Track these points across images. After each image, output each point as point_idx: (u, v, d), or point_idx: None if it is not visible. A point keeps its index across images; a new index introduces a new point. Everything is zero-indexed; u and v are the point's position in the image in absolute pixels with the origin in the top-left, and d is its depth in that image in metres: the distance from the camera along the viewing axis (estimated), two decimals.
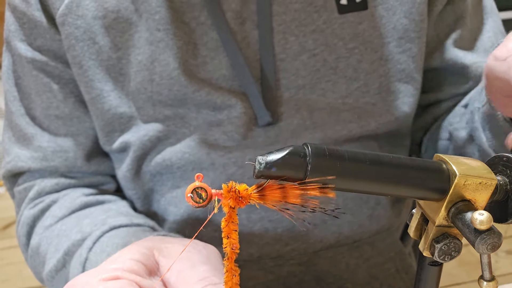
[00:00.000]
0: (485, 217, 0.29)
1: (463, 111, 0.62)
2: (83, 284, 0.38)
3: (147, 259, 0.41)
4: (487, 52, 0.66)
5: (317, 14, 0.59)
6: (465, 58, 0.65)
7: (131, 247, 0.43)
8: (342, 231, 0.65)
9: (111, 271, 0.38)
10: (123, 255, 0.41)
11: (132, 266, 0.39)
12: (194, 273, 0.38)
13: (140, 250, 0.42)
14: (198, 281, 0.38)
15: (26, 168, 0.64)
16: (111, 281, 0.37)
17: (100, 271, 0.38)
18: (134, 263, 0.39)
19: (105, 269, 0.39)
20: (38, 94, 0.63)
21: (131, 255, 0.41)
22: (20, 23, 0.62)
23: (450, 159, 0.32)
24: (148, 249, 0.42)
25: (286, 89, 0.60)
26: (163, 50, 0.58)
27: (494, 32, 0.67)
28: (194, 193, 0.28)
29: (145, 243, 0.44)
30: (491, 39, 0.66)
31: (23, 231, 0.64)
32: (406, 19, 0.61)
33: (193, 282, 0.37)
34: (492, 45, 0.66)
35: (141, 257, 0.40)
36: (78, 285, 0.38)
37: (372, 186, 0.30)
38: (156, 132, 0.61)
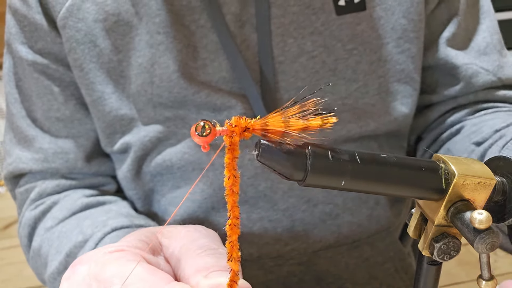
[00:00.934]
0: (484, 217, 0.29)
1: (473, 148, 0.60)
2: (88, 258, 0.38)
3: (151, 240, 0.41)
4: (480, 53, 0.66)
5: (315, 16, 0.60)
6: (456, 58, 0.65)
7: (134, 232, 0.43)
8: (342, 231, 0.65)
9: (117, 246, 0.39)
10: (127, 237, 0.42)
11: (136, 244, 0.40)
12: (194, 244, 0.39)
13: (143, 233, 0.42)
14: (198, 249, 0.38)
15: (27, 169, 0.64)
16: (116, 252, 0.38)
17: (105, 247, 0.39)
18: (138, 242, 0.40)
19: (110, 245, 0.39)
20: (39, 97, 0.63)
21: (135, 236, 0.41)
22: (21, 26, 0.62)
23: (449, 159, 0.32)
24: (151, 232, 0.42)
25: (286, 91, 0.60)
26: (163, 53, 0.58)
27: (490, 32, 0.67)
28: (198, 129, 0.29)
29: (147, 229, 0.44)
30: (486, 39, 0.66)
31: (25, 232, 0.64)
32: (404, 19, 0.62)
33: (193, 251, 0.38)
34: (487, 45, 0.66)
35: (144, 238, 0.41)
36: (82, 260, 0.39)
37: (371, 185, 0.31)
38: (157, 133, 0.61)
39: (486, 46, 0.66)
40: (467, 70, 0.64)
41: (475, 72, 0.64)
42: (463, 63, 0.65)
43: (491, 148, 0.56)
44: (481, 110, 0.66)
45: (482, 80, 0.65)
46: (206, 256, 0.37)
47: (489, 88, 0.66)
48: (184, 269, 0.37)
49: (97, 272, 0.36)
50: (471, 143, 0.60)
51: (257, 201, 0.62)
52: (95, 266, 0.37)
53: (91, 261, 0.38)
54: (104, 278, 0.36)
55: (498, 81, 0.65)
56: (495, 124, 0.60)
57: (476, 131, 0.61)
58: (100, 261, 0.37)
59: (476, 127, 0.62)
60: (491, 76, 0.65)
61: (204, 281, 0.35)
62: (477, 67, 0.65)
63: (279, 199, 0.62)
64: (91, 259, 0.38)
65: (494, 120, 0.61)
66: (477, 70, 0.64)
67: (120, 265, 0.36)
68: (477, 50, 0.66)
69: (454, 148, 0.63)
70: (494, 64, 0.65)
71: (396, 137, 0.68)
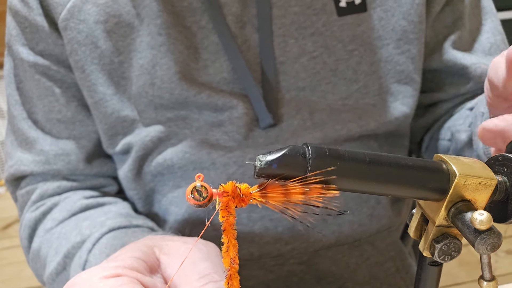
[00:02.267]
0: (485, 217, 0.29)
1: (468, 113, 0.62)
2: (84, 282, 0.38)
3: (148, 257, 0.41)
4: (485, 53, 0.66)
5: (316, 16, 0.60)
6: (464, 59, 0.65)
7: (131, 245, 0.43)
8: (343, 231, 0.65)
9: (112, 268, 0.38)
10: (123, 254, 0.41)
11: (132, 264, 0.39)
12: (195, 270, 0.38)
13: (141, 248, 0.42)
14: (199, 279, 0.38)
15: (28, 171, 0.64)
16: (112, 279, 0.37)
17: (101, 269, 0.38)
18: (135, 261, 0.39)
19: (106, 267, 0.39)
20: (40, 98, 0.63)
21: (132, 253, 0.41)
22: (21, 27, 0.62)
23: (450, 159, 0.32)
24: (148, 247, 0.42)
25: (287, 91, 0.60)
26: (165, 54, 0.58)
27: (493, 33, 0.67)
28: (194, 193, 0.28)
29: (145, 242, 0.44)
30: (490, 39, 0.66)
31: (25, 234, 0.64)
32: (404, 21, 0.62)
33: (194, 280, 0.38)
34: (491, 46, 0.66)
35: (141, 255, 0.41)
36: (79, 284, 0.38)
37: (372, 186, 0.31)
38: (158, 133, 0.61)
39: (490, 47, 0.66)
40: (476, 70, 0.65)
41: (485, 71, 0.65)
42: (472, 63, 0.65)
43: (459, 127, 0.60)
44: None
45: None
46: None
47: None
48: None
49: None
50: (466, 110, 0.63)
51: None
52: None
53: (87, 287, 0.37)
54: None
55: None
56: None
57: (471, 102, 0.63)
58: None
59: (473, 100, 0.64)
60: None
61: None
62: (486, 66, 0.65)
63: None
64: (85, 284, 0.37)
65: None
66: (485, 69, 0.65)
67: None
68: (482, 51, 0.66)
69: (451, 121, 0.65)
70: None
71: (396, 136, 0.68)
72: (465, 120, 0.61)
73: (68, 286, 0.38)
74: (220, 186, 0.29)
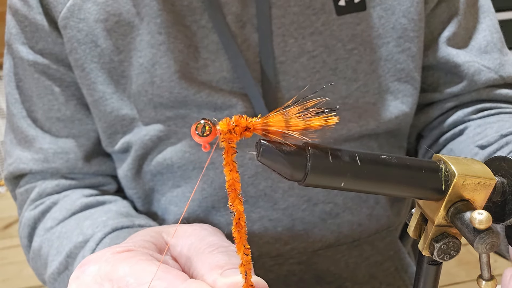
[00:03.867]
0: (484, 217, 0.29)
1: (477, 151, 0.59)
2: (96, 258, 0.38)
3: (157, 240, 0.41)
4: (481, 52, 0.66)
5: (315, 16, 0.60)
6: (457, 56, 0.65)
7: (139, 232, 0.43)
8: (342, 230, 0.65)
9: (124, 246, 0.39)
10: (133, 238, 0.41)
11: (144, 244, 0.39)
12: (203, 243, 0.39)
13: (149, 233, 0.42)
14: (209, 247, 0.38)
15: (27, 170, 0.64)
16: (125, 252, 0.37)
17: (114, 247, 0.39)
18: (145, 242, 0.40)
19: (118, 245, 0.39)
20: (40, 97, 0.63)
21: (141, 237, 0.41)
22: (21, 26, 0.62)
23: (449, 159, 0.32)
24: (156, 232, 0.42)
25: (287, 91, 0.60)
26: (164, 53, 0.58)
27: (490, 31, 0.67)
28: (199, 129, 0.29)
29: (152, 228, 0.44)
30: (487, 38, 0.66)
31: (25, 233, 0.64)
32: (405, 19, 0.62)
33: (204, 249, 0.38)
34: (487, 44, 0.66)
35: (150, 238, 0.41)
36: (93, 259, 0.38)
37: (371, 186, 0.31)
38: (157, 131, 0.61)
39: (487, 45, 0.66)
40: (469, 68, 0.64)
41: (478, 70, 0.64)
42: (465, 61, 0.65)
43: (496, 153, 0.56)
44: (484, 110, 0.66)
45: (485, 78, 0.65)
46: (219, 253, 0.37)
47: (491, 86, 0.66)
48: (197, 267, 0.37)
49: (109, 271, 0.36)
50: (475, 146, 0.60)
51: (257, 200, 0.62)
52: (106, 266, 0.36)
53: (100, 261, 0.37)
54: (117, 277, 0.35)
55: (500, 79, 0.65)
56: (500, 128, 0.60)
57: (481, 133, 0.61)
58: (111, 260, 0.37)
59: (480, 129, 0.62)
60: (493, 74, 0.65)
61: (221, 279, 0.34)
62: (479, 65, 0.65)
63: (279, 198, 0.62)
64: (100, 259, 0.38)
65: (498, 123, 0.61)
66: (479, 68, 0.64)
67: (132, 264, 0.36)
68: (478, 48, 0.66)
69: (458, 148, 0.63)
70: (495, 62, 0.65)
71: (396, 136, 0.68)
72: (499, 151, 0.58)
73: (82, 264, 0.38)
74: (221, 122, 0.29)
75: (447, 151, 0.65)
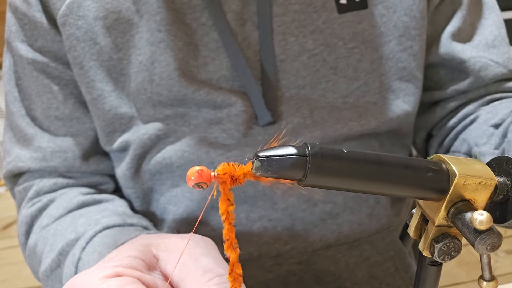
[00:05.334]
0: (485, 217, 0.29)
1: (492, 131, 0.59)
2: (84, 283, 0.37)
3: (145, 255, 0.41)
4: (489, 46, 0.65)
5: (316, 14, 0.59)
6: (462, 52, 0.64)
7: (127, 245, 0.43)
8: (342, 230, 0.65)
9: (111, 268, 0.38)
10: (120, 253, 0.41)
11: (131, 263, 0.39)
12: (198, 266, 0.38)
13: (137, 247, 0.41)
14: (204, 273, 0.37)
15: (26, 168, 0.64)
16: (113, 279, 0.37)
17: (101, 269, 0.38)
18: (133, 260, 0.39)
19: (105, 267, 0.38)
20: (39, 95, 0.63)
21: (128, 252, 0.40)
22: (21, 24, 0.62)
23: (450, 159, 0.32)
24: (145, 246, 0.42)
25: (287, 89, 0.60)
26: (164, 51, 0.58)
27: (497, 26, 0.66)
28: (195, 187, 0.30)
29: (141, 241, 0.44)
30: (494, 32, 0.66)
31: (22, 230, 0.64)
32: (406, 17, 0.61)
33: (199, 275, 0.37)
34: (495, 38, 0.66)
35: (138, 253, 0.40)
36: (80, 284, 0.37)
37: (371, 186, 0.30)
38: (156, 130, 0.61)
39: (494, 39, 0.66)
40: (475, 64, 0.64)
41: (484, 65, 0.64)
42: (470, 56, 0.64)
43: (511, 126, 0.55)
44: (494, 100, 0.65)
45: (493, 73, 0.64)
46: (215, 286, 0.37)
47: (500, 81, 0.66)
48: None
49: None
50: (489, 126, 0.59)
51: (257, 200, 0.62)
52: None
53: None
54: None
55: (509, 73, 0.65)
56: (510, 105, 0.59)
57: (492, 113, 0.61)
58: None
59: (491, 112, 0.62)
60: (501, 68, 0.65)
61: None
62: (486, 60, 0.64)
63: (279, 198, 0.62)
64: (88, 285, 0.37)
65: (509, 103, 0.61)
66: (486, 63, 0.64)
67: None
68: (485, 43, 0.65)
69: (470, 136, 0.62)
70: (504, 56, 0.65)
71: (398, 135, 0.67)
72: (489, 140, 0.58)
73: (68, 286, 0.38)
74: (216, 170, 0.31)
75: (460, 142, 0.64)
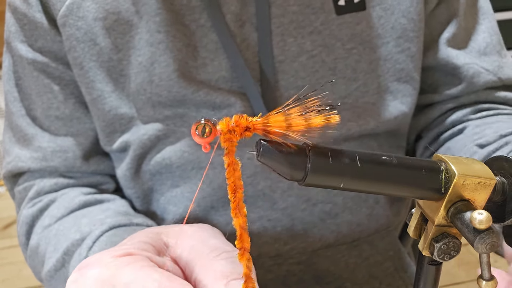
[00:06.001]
0: (484, 217, 0.29)
1: (475, 150, 0.59)
2: (96, 261, 0.37)
3: (155, 241, 0.41)
4: (480, 53, 0.66)
5: (314, 15, 0.60)
6: (457, 58, 0.65)
7: (137, 234, 0.43)
8: (341, 230, 0.65)
9: (123, 250, 0.38)
10: (131, 240, 0.41)
11: (142, 246, 0.39)
12: (206, 246, 0.38)
13: (147, 234, 0.42)
14: (212, 251, 0.38)
15: (26, 168, 0.64)
16: (124, 257, 0.37)
17: (112, 251, 0.38)
18: (143, 244, 0.39)
19: (116, 249, 0.39)
20: (39, 95, 0.63)
21: (139, 238, 0.41)
22: (20, 24, 0.62)
23: (449, 159, 0.32)
24: (155, 233, 0.42)
25: (286, 90, 0.60)
26: (163, 52, 0.58)
27: (490, 33, 0.67)
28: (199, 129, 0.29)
29: (150, 229, 0.44)
30: (486, 40, 0.66)
31: (22, 230, 0.64)
32: (404, 19, 0.62)
33: (206, 253, 0.38)
34: (487, 45, 0.66)
35: (149, 239, 0.40)
36: (92, 263, 0.38)
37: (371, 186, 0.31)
38: (156, 131, 0.61)
39: (486, 46, 0.66)
40: (468, 70, 0.64)
41: (477, 72, 0.65)
42: (464, 63, 0.65)
43: (496, 153, 0.56)
44: (483, 110, 0.66)
45: (484, 80, 0.65)
46: (222, 260, 0.37)
47: (490, 88, 0.66)
48: (200, 274, 0.37)
49: (111, 276, 0.35)
50: (474, 145, 0.60)
51: (256, 200, 0.62)
52: (107, 270, 0.36)
53: (100, 265, 0.37)
54: (121, 284, 0.35)
55: (498, 81, 0.66)
56: (499, 128, 0.60)
57: (479, 133, 0.61)
58: (112, 265, 0.36)
59: (479, 128, 0.62)
60: (491, 76, 0.65)
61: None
62: (478, 67, 0.65)
63: (279, 198, 0.62)
64: (100, 263, 0.37)
65: (497, 124, 0.61)
66: (478, 70, 0.65)
67: (135, 270, 0.35)
68: (478, 50, 0.66)
69: (455, 147, 0.63)
70: (494, 64, 0.66)
71: (396, 136, 0.68)
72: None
73: (81, 267, 0.38)
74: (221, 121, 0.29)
75: (445, 150, 0.65)
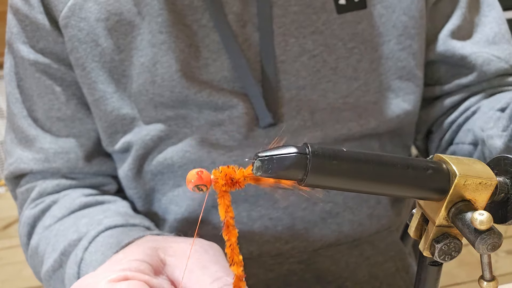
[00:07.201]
0: (485, 217, 0.29)
1: (499, 115, 0.57)
2: (91, 286, 0.37)
3: (152, 259, 0.41)
4: (489, 43, 0.66)
5: (316, 15, 0.60)
6: (463, 48, 0.65)
7: (133, 248, 0.42)
8: (342, 230, 0.65)
9: (119, 271, 0.38)
10: (127, 256, 0.41)
11: (138, 266, 0.39)
12: (207, 274, 0.38)
13: (144, 250, 0.41)
14: (213, 282, 0.37)
15: (28, 169, 0.64)
16: (120, 283, 0.37)
17: (107, 272, 0.38)
18: (140, 263, 0.39)
19: (112, 270, 0.38)
20: (40, 96, 0.63)
21: (136, 256, 0.40)
22: (22, 25, 0.62)
23: (450, 159, 0.32)
24: (152, 249, 0.42)
25: (287, 90, 0.60)
26: (165, 52, 0.58)
27: (498, 23, 0.67)
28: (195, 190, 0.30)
29: (148, 244, 0.43)
30: (494, 29, 0.66)
31: (24, 231, 0.64)
32: (405, 16, 0.62)
33: (208, 283, 0.37)
34: (495, 35, 0.66)
35: (145, 257, 0.40)
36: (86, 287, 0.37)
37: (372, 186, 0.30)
38: (158, 131, 0.61)
39: (495, 36, 0.66)
40: (477, 59, 0.64)
41: (487, 60, 0.64)
42: (471, 52, 0.64)
43: None
44: (496, 93, 0.65)
45: (495, 68, 0.65)
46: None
47: (502, 75, 0.66)
48: None
49: None
50: (495, 111, 0.58)
51: (257, 199, 0.62)
52: None
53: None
54: None
55: (510, 69, 0.66)
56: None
57: (496, 100, 0.61)
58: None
59: (494, 100, 0.62)
60: (503, 63, 0.65)
61: None
62: (488, 55, 0.64)
63: (280, 197, 0.62)
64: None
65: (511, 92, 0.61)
66: (488, 58, 0.64)
67: None
68: (486, 40, 0.66)
69: (475, 124, 0.61)
70: (505, 52, 0.66)
71: (400, 136, 0.68)
72: (497, 123, 0.56)
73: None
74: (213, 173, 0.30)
75: (464, 133, 0.64)
